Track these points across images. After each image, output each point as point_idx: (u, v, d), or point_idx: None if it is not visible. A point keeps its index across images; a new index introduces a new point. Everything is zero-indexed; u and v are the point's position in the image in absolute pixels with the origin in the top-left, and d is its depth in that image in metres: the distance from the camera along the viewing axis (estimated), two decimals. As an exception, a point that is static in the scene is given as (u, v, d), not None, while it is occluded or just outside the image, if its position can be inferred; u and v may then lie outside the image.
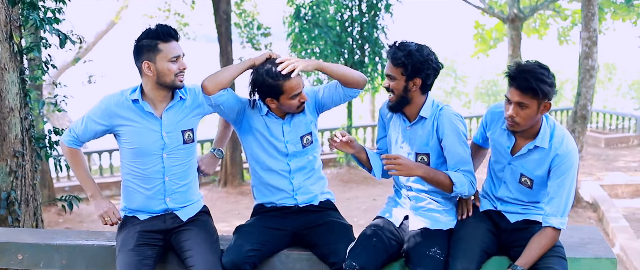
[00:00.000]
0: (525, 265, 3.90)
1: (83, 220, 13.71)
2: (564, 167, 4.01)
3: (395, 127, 4.40)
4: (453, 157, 4.25)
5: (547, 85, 3.85)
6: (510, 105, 3.94)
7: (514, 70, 3.91)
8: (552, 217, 3.98)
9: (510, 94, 3.93)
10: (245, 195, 16.33)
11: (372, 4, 17.35)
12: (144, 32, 4.22)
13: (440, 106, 4.29)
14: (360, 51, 17.58)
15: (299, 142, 4.45)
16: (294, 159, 4.46)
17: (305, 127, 4.46)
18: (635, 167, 17.63)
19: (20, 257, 4.57)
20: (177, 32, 4.24)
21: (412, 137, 4.30)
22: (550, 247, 3.97)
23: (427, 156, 4.29)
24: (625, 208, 12.75)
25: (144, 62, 4.17)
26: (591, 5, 13.81)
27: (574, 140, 4.16)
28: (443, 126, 4.22)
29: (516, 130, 4.03)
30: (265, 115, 4.40)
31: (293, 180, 4.48)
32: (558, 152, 4.02)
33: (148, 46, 4.16)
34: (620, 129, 22.66)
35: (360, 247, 4.11)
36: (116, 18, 24.04)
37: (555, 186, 4.03)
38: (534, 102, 3.88)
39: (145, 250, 4.18)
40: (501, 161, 4.26)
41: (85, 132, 4.35)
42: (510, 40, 22.10)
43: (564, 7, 24.98)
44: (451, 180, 4.17)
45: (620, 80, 47.08)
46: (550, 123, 4.09)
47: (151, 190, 4.35)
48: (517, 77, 3.86)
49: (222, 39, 16.87)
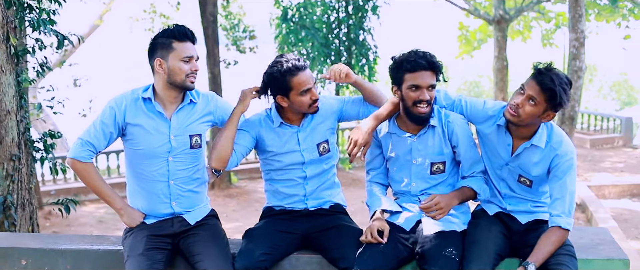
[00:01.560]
0: (537, 262, 3.88)
1: (70, 224, 13.56)
2: (564, 167, 4.03)
3: (397, 142, 4.35)
4: (468, 160, 4.30)
5: (564, 97, 3.87)
6: (521, 96, 3.92)
7: (544, 67, 3.91)
8: (558, 218, 3.98)
9: (529, 86, 3.91)
10: (232, 197, 16.24)
11: (358, 6, 17.32)
12: (162, 31, 4.20)
13: (443, 112, 4.29)
14: (347, 53, 17.54)
15: (316, 150, 4.42)
16: (310, 167, 4.44)
17: (321, 135, 4.43)
18: (621, 168, 17.71)
19: (24, 263, 4.49)
20: (193, 34, 4.20)
21: (423, 148, 4.29)
22: (560, 245, 3.96)
23: (443, 164, 4.30)
24: (612, 209, 12.77)
25: (156, 59, 4.13)
26: (578, 6, 13.85)
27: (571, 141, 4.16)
28: (455, 133, 4.25)
29: (513, 122, 4.00)
30: (279, 126, 4.38)
31: (306, 186, 4.45)
32: (557, 152, 4.03)
33: (162, 44, 4.13)
34: (605, 129, 22.76)
35: (368, 253, 4.08)
36: (99, 20, 23.88)
37: (557, 187, 4.04)
38: (544, 105, 3.88)
39: (155, 255, 4.12)
40: (497, 161, 4.26)
41: (101, 140, 4.21)
42: (495, 41, 22.15)
43: (548, 9, 25.08)
44: (475, 191, 4.26)
45: (601, 81, 47.34)
46: (547, 125, 4.10)
47: (156, 193, 4.30)
48: (545, 74, 3.86)
49: (208, 41, 16.79)
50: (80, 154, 4.20)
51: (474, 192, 4.26)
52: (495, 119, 4.18)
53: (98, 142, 4.21)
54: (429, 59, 4.06)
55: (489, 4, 24.22)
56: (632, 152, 20.35)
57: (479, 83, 45.35)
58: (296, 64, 4.17)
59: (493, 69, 22.66)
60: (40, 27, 5.87)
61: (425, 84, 4.06)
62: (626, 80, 47.29)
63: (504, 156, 4.19)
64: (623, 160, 18.88)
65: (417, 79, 4.06)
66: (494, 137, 4.21)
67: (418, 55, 4.06)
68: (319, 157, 4.43)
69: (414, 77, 4.06)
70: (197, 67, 4.17)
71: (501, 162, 4.23)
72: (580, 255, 4.06)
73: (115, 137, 4.27)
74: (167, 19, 20.30)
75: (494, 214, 4.31)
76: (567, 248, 4.00)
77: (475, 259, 3.96)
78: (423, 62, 4.04)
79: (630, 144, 21.70)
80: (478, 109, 4.26)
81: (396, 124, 4.32)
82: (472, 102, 4.30)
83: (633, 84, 47.58)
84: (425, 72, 4.05)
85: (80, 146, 4.20)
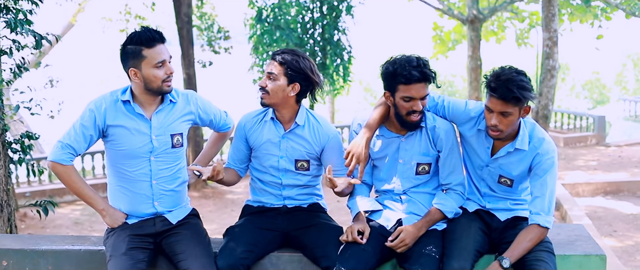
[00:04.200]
0: (513, 258, 3.93)
1: (46, 226, 13.48)
2: (545, 166, 4.06)
3: (385, 142, 4.37)
4: (446, 169, 4.33)
5: (528, 91, 3.88)
6: (491, 114, 3.94)
7: (494, 80, 3.89)
8: (537, 216, 4.03)
9: (492, 104, 3.91)
10: (208, 198, 16.21)
11: (333, 6, 17.35)
12: (129, 37, 4.13)
13: (430, 116, 4.30)
14: (322, 53, 17.57)
15: (292, 164, 4.44)
16: (285, 176, 4.47)
17: (301, 153, 4.43)
18: (595, 166, 17.85)
19: (5, 264, 4.48)
20: (161, 35, 4.13)
21: (409, 148, 4.31)
22: (538, 242, 4.01)
23: (428, 165, 4.33)
24: (586, 206, 12.88)
25: (130, 69, 4.10)
26: (552, 5, 13.96)
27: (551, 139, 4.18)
28: (442, 140, 4.28)
29: (499, 138, 4.04)
30: (269, 121, 4.41)
31: (283, 192, 4.50)
32: (538, 151, 4.07)
33: (132, 52, 4.08)
34: (578, 128, 22.93)
35: (350, 251, 4.10)
36: (73, 20, 23.69)
37: (538, 185, 4.07)
38: (516, 109, 3.90)
39: (137, 254, 4.12)
40: (477, 162, 4.29)
41: (81, 142, 4.19)
42: (469, 41, 22.22)
43: (521, 9, 25.23)
44: (443, 214, 4.27)
45: (573, 80, 47.73)
46: (528, 124, 4.12)
47: (138, 193, 4.30)
48: (499, 87, 3.85)
49: (183, 41, 16.77)
50: (60, 157, 4.18)
51: (441, 214, 4.28)
52: (476, 121, 4.21)
53: (78, 144, 4.19)
54: (423, 70, 4.04)
55: (462, 4, 24.31)
56: (605, 150, 20.52)
57: (452, 83, 45.58)
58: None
59: (467, 68, 22.73)
60: (17, 28, 5.81)
61: (419, 95, 4.07)
62: (598, 79, 47.73)
63: (484, 158, 4.23)
64: (596, 159, 19.04)
65: (411, 90, 4.05)
66: (474, 140, 4.24)
67: (412, 66, 4.03)
68: (295, 170, 4.45)
69: (407, 89, 4.05)
70: (172, 69, 4.15)
71: (481, 163, 4.27)
72: (557, 251, 4.11)
73: (95, 140, 4.25)
74: (142, 20, 20.20)
75: (473, 211, 4.34)
76: (546, 244, 4.05)
77: (456, 256, 3.99)
78: (417, 75, 4.02)
79: (603, 142, 21.88)
80: (460, 110, 4.27)
81: (384, 126, 4.34)
82: (454, 104, 4.30)
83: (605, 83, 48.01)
84: (418, 84, 4.05)
85: (61, 149, 4.18)
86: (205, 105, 4.46)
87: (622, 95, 43.86)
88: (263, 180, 4.51)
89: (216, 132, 4.73)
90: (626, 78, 49.14)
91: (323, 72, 17.82)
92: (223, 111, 4.64)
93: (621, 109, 31.26)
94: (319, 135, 4.40)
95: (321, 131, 4.40)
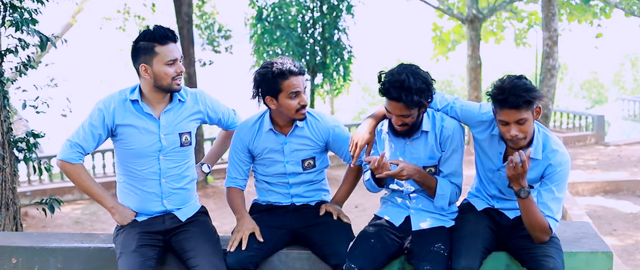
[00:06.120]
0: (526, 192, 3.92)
1: (47, 225, 13.50)
2: (557, 176, 4.04)
3: (391, 143, 4.37)
4: (448, 168, 4.32)
5: (535, 92, 3.86)
6: (508, 127, 3.90)
7: (499, 93, 3.86)
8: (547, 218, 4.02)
9: (506, 116, 3.87)
10: (209, 197, 16.22)
11: (333, 6, 17.39)
12: (142, 33, 4.17)
13: (438, 116, 4.30)
14: (322, 52, 17.60)
15: (300, 165, 4.47)
16: (293, 178, 4.51)
17: (307, 152, 4.47)
18: (594, 165, 17.89)
19: (15, 261, 4.49)
20: (174, 34, 4.17)
21: (414, 151, 4.31)
22: (542, 222, 3.97)
23: (435, 168, 4.32)
24: (586, 205, 12.88)
25: (141, 64, 4.12)
26: (552, 5, 14.00)
27: (566, 149, 4.17)
28: (447, 140, 4.27)
29: (523, 146, 3.99)
30: (267, 132, 4.43)
31: (291, 190, 4.54)
32: (551, 162, 4.03)
33: (145, 49, 4.10)
34: (577, 127, 22.98)
35: (359, 249, 4.11)
36: (72, 20, 23.68)
37: (547, 191, 4.05)
38: (530, 113, 3.87)
39: (147, 251, 4.13)
40: (489, 165, 4.29)
41: (90, 141, 4.21)
42: (469, 40, 22.24)
43: (520, 9, 25.26)
44: (435, 190, 4.26)
45: (571, 79, 47.79)
46: (541, 133, 4.10)
47: (147, 191, 4.31)
48: (508, 98, 3.82)
49: (184, 41, 16.75)
50: (69, 156, 4.20)
51: (434, 188, 4.26)
52: (489, 124, 4.20)
53: (87, 144, 4.21)
54: (406, 89, 3.97)
55: (462, 3, 24.32)
56: (604, 149, 20.57)
57: (451, 82, 45.64)
58: (290, 68, 4.19)
59: (466, 67, 22.75)
60: (22, 27, 5.82)
61: (398, 113, 4.06)
62: (596, 79, 47.80)
63: (496, 162, 4.22)
64: (595, 158, 19.09)
65: (391, 106, 4.07)
66: (486, 144, 4.24)
67: (400, 85, 3.98)
68: (303, 171, 4.49)
69: (390, 104, 4.07)
70: (182, 68, 4.17)
71: (493, 167, 4.26)
72: (565, 249, 4.12)
73: (104, 139, 4.27)
74: (142, 20, 20.19)
75: (482, 209, 4.35)
76: (554, 240, 4.07)
77: (464, 254, 4.00)
78: (395, 95, 3.98)
79: (602, 141, 21.95)
80: (473, 114, 4.25)
81: (389, 130, 4.34)
82: (467, 107, 4.29)
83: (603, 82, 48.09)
84: (398, 103, 4.02)
85: (69, 148, 4.20)
86: (213, 104, 4.48)
87: (620, 94, 43.96)
88: (270, 182, 4.55)
89: (224, 130, 4.75)
90: (624, 78, 49.24)
91: (323, 72, 17.87)
92: (231, 109, 4.66)
93: (620, 108, 31.33)
94: (319, 131, 4.45)
95: (321, 126, 4.45)
